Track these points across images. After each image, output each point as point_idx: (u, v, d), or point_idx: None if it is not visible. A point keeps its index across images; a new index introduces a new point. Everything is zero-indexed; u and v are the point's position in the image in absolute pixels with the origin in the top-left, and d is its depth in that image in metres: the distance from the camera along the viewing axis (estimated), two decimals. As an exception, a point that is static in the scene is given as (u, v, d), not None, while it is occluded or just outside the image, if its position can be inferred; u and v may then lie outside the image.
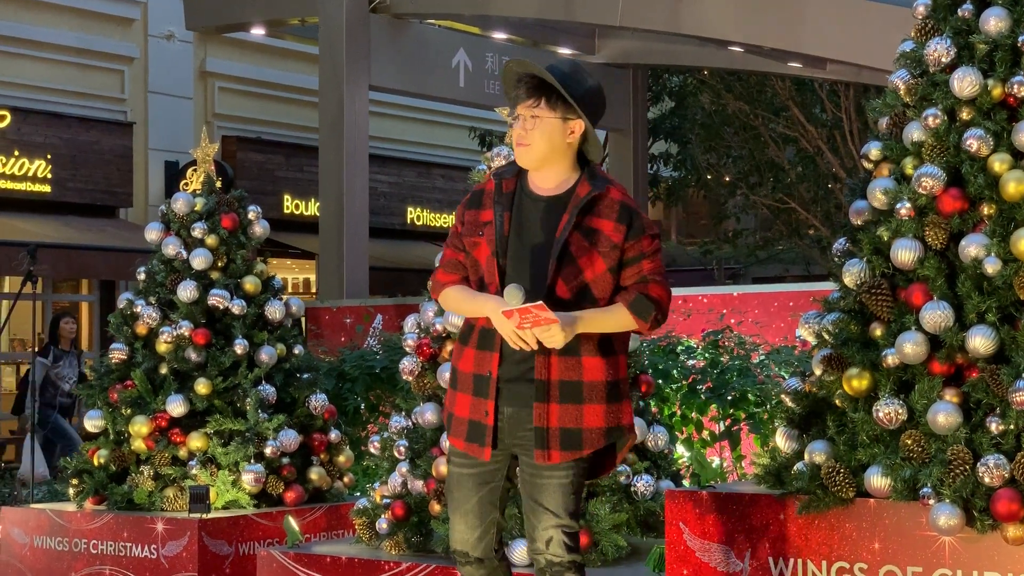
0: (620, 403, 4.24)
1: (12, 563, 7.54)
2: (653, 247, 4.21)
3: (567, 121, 4.21)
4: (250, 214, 7.78)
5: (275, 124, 18.91)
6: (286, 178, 18.79)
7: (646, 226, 4.21)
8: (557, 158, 4.23)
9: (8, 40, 15.90)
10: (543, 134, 4.21)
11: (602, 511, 5.76)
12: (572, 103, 4.17)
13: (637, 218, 4.20)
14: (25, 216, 15.55)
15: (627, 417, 4.28)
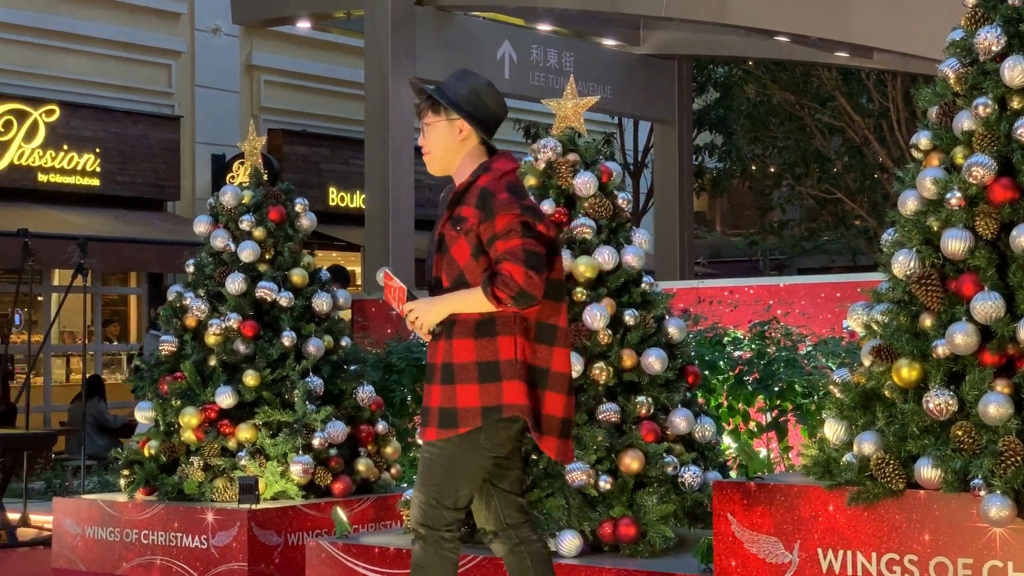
0: (498, 383, 4.36)
1: (64, 553, 7.62)
2: (507, 226, 4.32)
3: (452, 121, 4.51)
4: (297, 207, 7.82)
5: (320, 117, 18.98)
6: (331, 171, 18.85)
7: (496, 207, 4.35)
8: (455, 157, 4.54)
9: (57, 35, 16.03)
10: (435, 138, 4.55)
11: (649, 502, 5.77)
12: (447, 104, 4.47)
13: (490, 199, 4.37)
14: (74, 210, 15.68)
15: (511, 396, 4.37)
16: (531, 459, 5.89)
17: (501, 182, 4.42)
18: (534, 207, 4.45)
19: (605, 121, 21.27)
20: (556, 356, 4.45)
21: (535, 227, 4.36)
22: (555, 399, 4.44)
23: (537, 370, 4.43)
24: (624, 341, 6.05)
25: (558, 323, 4.46)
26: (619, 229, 6.31)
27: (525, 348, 4.41)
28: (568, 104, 6.39)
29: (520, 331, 4.40)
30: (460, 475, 4.45)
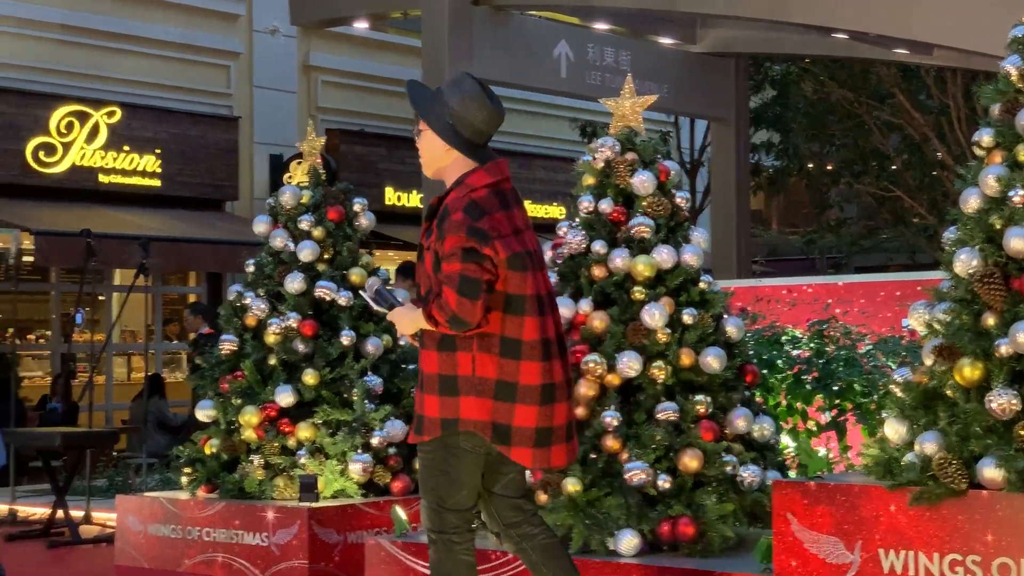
0: (455, 397, 4.48)
1: (127, 550, 7.70)
2: (451, 249, 4.42)
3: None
4: (356, 206, 7.85)
5: (377, 117, 19.05)
6: (388, 170, 18.92)
7: (447, 227, 4.46)
8: (442, 164, 4.65)
9: (118, 37, 16.19)
10: (425, 145, 4.68)
11: (708, 501, 5.76)
12: (422, 115, 4.61)
13: (447, 218, 4.48)
14: (135, 210, 15.83)
15: (467, 412, 4.48)
16: (590, 458, 5.89)
17: (463, 200, 4.51)
18: (483, 230, 4.45)
19: (661, 120, 21.24)
20: (524, 369, 4.50)
21: (480, 250, 4.42)
22: (527, 411, 4.50)
23: (503, 384, 4.50)
24: (682, 340, 6.04)
25: (522, 337, 4.51)
26: (677, 228, 6.30)
27: (485, 364, 4.49)
28: (626, 103, 6.39)
29: (479, 347, 4.48)
30: (453, 477, 4.57)
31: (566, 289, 6.25)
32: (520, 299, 4.53)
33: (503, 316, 4.49)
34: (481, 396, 4.48)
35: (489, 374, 4.49)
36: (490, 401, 4.48)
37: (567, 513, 5.80)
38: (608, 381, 5.96)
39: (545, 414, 4.54)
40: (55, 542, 8.78)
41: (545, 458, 4.58)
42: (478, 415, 4.48)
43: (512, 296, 4.51)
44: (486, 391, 4.48)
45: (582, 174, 6.40)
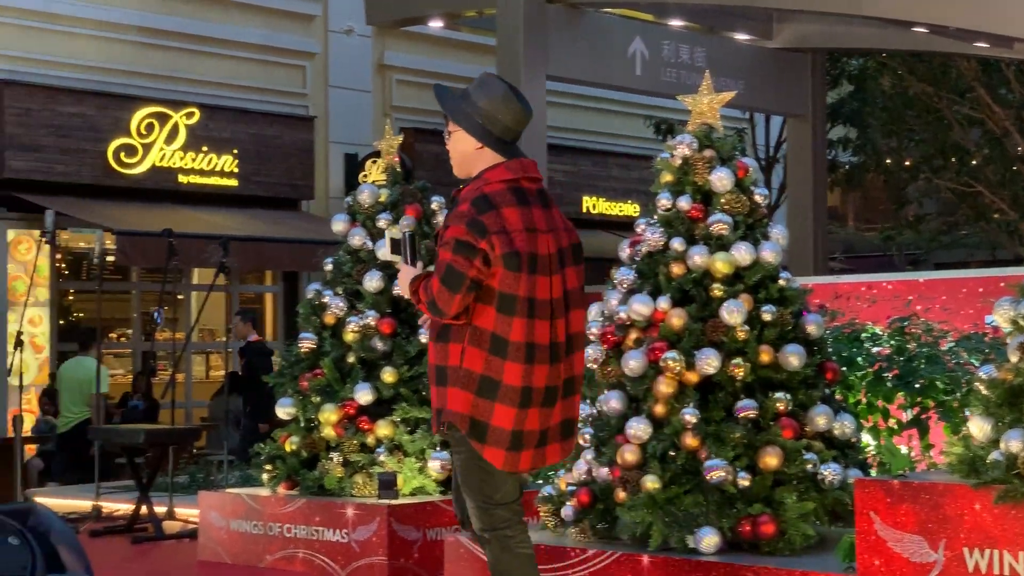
0: (444, 387, 4.56)
1: (210, 546, 7.79)
2: (447, 238, 4.53)
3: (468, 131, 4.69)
4: (433, 204, 7.89)
5: (452, 115, 19.08)
6: (463, 168, 18.96)
7: (451, 217, 4.58)
8: (473, 164, 4.69)
9: (196, 39, 16.36)
10: (455, 146, 4.74)
11: (789, 499, 5.73)
12: (452, 116, 4.69)
13: (454, 208, 4.61)
14: (213, 209, 15.99)
15: (452, 403, 4.52)
16: (669, 455, 5.88)
17: (475, 192, 4.57)
18: (482, 223, 4.48)
19: (736, 116, 21.13)
20: (508, 369, 4.50)
21: (475, 245, 4.47)
22: (505, 412, 4.50)
23: (487, 380, 4.51)
24: (761, 337, 6.02)
25: (509, 337, 4.50)
26: (756, 225, 6.28)
27: (473, 357, 4.51)
28: (704, 100, 6.37)
29: (470, 340, 4.52)
30: (489, 471, 4.55)
31: (644, 286, 6.24)
32: (511, 299, 4.52)
33: (496, 314, 4.51)
34: (465, 389, 4.52)
35: (475, 368, 4.51)
36: (471, 395, 4.51)
37: (646, 511, 5.79)
38: (686, 378, 5.95)
39: (520, 418, 4.53)
40: (139, 537, 8.89)
41: (514, 462, 4.56)
42: (458, 407, 4.52)
43: (504, 295, 4.52)
44: (470, 384, 4.51)
45: (660, 171, 6.39)
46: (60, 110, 15.05)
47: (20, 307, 14.11)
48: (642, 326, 6.14)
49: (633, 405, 6.07)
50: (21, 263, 14.85)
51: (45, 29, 15.10)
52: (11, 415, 13.68)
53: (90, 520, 9.54)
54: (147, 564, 8.14)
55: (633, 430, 5.90)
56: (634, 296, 6.15)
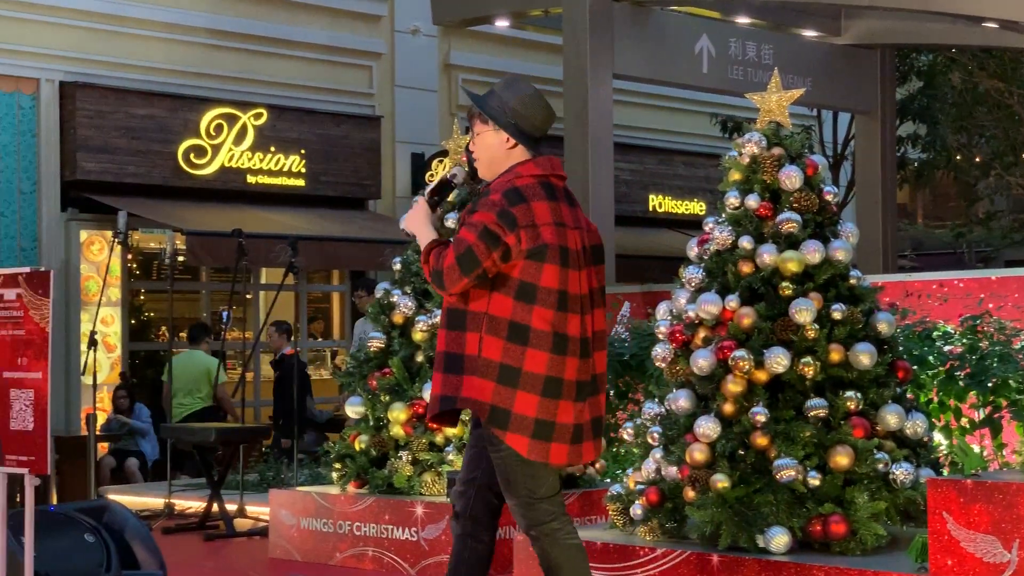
0: (458, 375, 4.53)
1: (280, 543, 7.86)
2: (475, 222, 4.54)
3: (499, 132, 4.72)
4: (501, 204, 7.90)
5: (518, 114, 19.10)
6: (529, 167, 18.98)
7: (481, 203, 4.59)
8: (501, 165, 4.73)
9: (265, 40, 16.49)
10: (483, 146, 4.77)
11: (860, 499, 5.70)
12: (489, 115, 4.70)
13: (484, 196, 4.63)
14: (281, 209, 16.11)
15: (468, 391, 4.52)
16: (738, 454, 5.87)
17: (506, 184, 4.61)
18: (513, 214, 4.53)
19: (803, 113, 21.00)
20: (529, 356, 4.52)
21: (502, 238, 4.50)
22: (527, 399, 4.52)
23: (505, 368, 4.51)
24: (832, 336, 5.99)
25: (531, 324, 4.53)
26: (826, 223, 6.25)
27: (491, 346, 4.52)
28: (772, 98, 6.35)
29: (487, 329, 4.53)
30: (531, 466, 4.59)
31: (712, 285, 6.23)
32: (532, 288, 4.56)
33: (514, 302, 4.55)
34: (484, 378, 4.53)
35: (494, 357, 4.53)
36: (493, 384, 4.52)
37: (715, 510, 5.78)
38: (756, 377, 5.93)
39: (546, 407, 4.54)
40: (211, 535, 8.98)
41: (544, 452, 4.57)
42: (478, 395, 4.52)
43: (525, 283, 4.55)
44: (490, 373, 4.53)
45: (728, 170, 6.37)
46: (131, 112, 15.21)
47: (93, 307, 14.28)
48: (711, 325, 6.13)
49: (702, 404, 6.06)
50: (93, 263, 15.04)
51: (116, 32, 15.28)
52: (84, 413, 13.87)
53: (162, 517, 9.65)
54: (219, 561, 8.22)
55: (702, 429, 5.90)
56: (703, 295, 6.14)
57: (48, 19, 14.75)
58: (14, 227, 14.57)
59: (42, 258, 14.48)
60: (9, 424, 5.03)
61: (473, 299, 4.58)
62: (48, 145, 14.74)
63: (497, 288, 4.55)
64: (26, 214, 14.68)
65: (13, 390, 5.04)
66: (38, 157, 14.71)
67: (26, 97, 14.72)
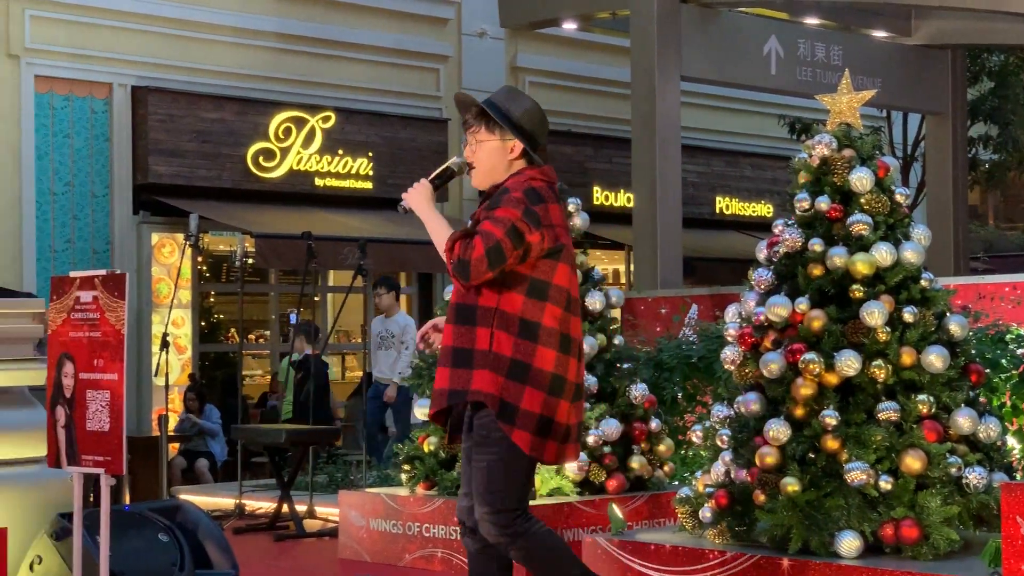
0: (468, 369, 4.57)
1: (350, 544, 7.90)
2: (502, 217, 4.55)
3: (506, 142, 4.74)
4: (570, 206, 7.91)
5: (584, 116, 19.12)
6: (595, 169, 18.99)
7: (504, 200, 4.61)
8: (502, 174, 4.76)
9: (332, 44, 16.60)
10: (486, 155, 4.77)
11: (932, 503, 5.64)
12: (506, 125, 4.72)
13: (505, 195, 4.63)
14: (349, 212, 16.21)
15: (479, 384, 4.54)
16: (808, 458, 5.84)
17: (524, 184, 4.65)
18: (537, 213, 4.59)
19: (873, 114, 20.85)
20: (539, 353, 4.58)
21: (526, 236, 4.55)
22: (534, 395, 4.57)
23: (516, 363, 4.55)
24: (903, 338, 5.94)
25: (541, 321, 4.58)
26: (897, 225, 6.19)
27: (502, 342, 4.55)
28: (843, 99, 6.31)
29: (498, 325, 4.57)
30: (524, 470, 4.69)
31: (782, 287, 6.20)
32: (545, 285, 4.62)
33: (524, 299, 4.59)
34: (495, 372, 4.56)
35: (505, 352, 4.56)
36: (502, 378, 4.55)
37: (786, 513, 5.75)
38: (826, 380, 5.89)
39: (549, 404, 4.60)
40: (281, 535, 9.05)
41: (540, 449, 4.61)
42: (489, 388, 4.55)
43: (537, 281, 4.61)
44: (500, 368, 4.55)
45: (798, 171, 6.34)
46: (201, 116, 15.38)
47: (164, 309, 14.46)
48: (780, 327, 6.09)
49: (771, 407, 6.03)
50: (164, 266, 15.21)
51: (186, 37, 15.45)
52: (156, 414, 14.02)
53: (233, 517, 9.73)
54: (290, 561, 8.28)
55: (772, 432, 5.87)
56: (772, 297, 6.11)
57: (120, 25, 14.94)
58: (87, 230, 14.77)
59: (115, 261, 14.66)
60: (85, 425, 5.10)
61: (484, 295, 4.61)
62: (120, 149, 14.93)
63: (508, 284, 4.60)
64: (99, 217, 14.87)
65: (89, 391, 5.11)
66: (111, 161, 14.91)
67: (99, 102, 14.91)
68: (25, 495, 6.38)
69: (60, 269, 14.22)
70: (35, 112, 14.40)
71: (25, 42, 14.35)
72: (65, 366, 5.21)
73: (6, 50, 14.25)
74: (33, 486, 6.43)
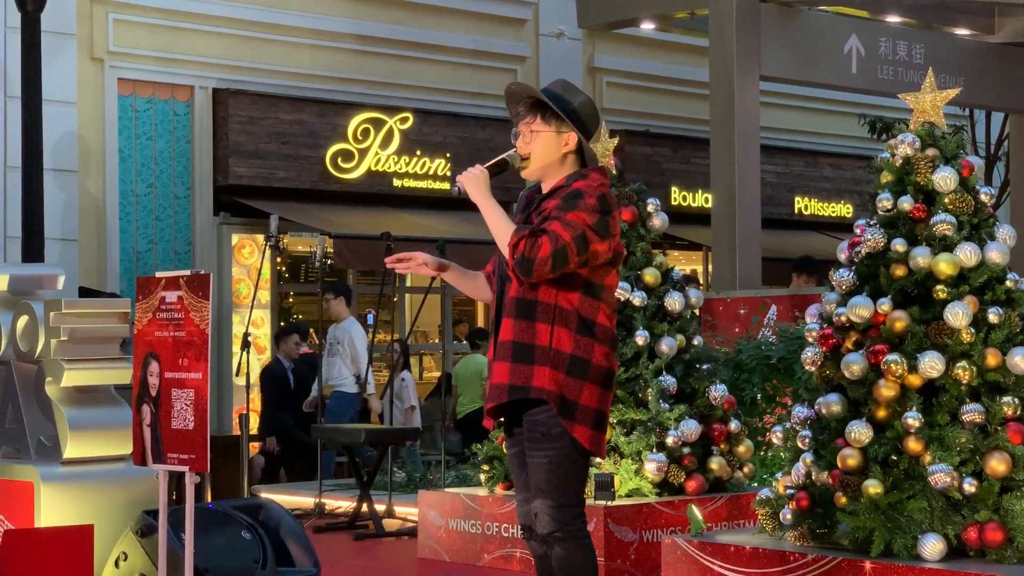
0: (528, 365, 4.57)
1: (429, 544, 7.94)
2: (572, 221, 4.55)
3: (561, 134, 4.74)
4: (649, 207, 7.91)
5: (662, 117, 19.06)
6: (673, 170, 18.92)
7: (579, 205, 4.59)
8: (555, 167, 4.77)
9: (411, 45, 16.68)
10: (541, 146, 4.77)
11: (1018, 506, 5.58)
12: (564, 117, 4.71)
13: (579, 199, 4.61)
14: (427, 213, 16.27)
15: (540, 380, 4.56)
16: (891, 460, 5.79)
17: (596, 190, 4.66)
18: (608, 224, 4.62)
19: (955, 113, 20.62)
20: (596, 350, 4.63)
21: (591, 245, 4.56)
22: (592, 391, 4.62)
23: (576, 360, 4.59)
24: (988, 340, 5.87)
25: (596, 319, 4.64)
26: (982, 225, 6.13)
27: (561, 338, 4.59)
28: (926, 98, 6.25)
29: (557, 321, 4.60)
30: (581, 465, 4.73)
31: (864, 288, 6.15)
32: (599, 287, 4.68)
33: (581, 296, 4.64)
34: (555, 368, 4.58)
35: (565, 348, 4.59)
36: (562, 375, 4.58)
37: (868, 516, 5.71)
38: (909, 381, 5.84)
39: (603, 398, 4.67)
40: (360, 534, 9.11)
41: (598, 443, 4.66)
42: (550, 385, 4.57)
43: (592, 283, 4.66)
44: (560, 364, 4.58)
45: (880, 171, 6.28)
46: (281, 117, 15.50)
47: (244, 309, 14.60)
48: (862, 328, 6.05)
49: (853, 408, 5.98)
50: (244, 266, 15.36)
51: (266, 39, 15.58)
52: (236, 414, 14.16)
53: (313, 516, 9.81)
54: (370, 560, 8.34)
55: (854, 433, 5.82)
56: (854, 298, 6.06)
57: (201, 27, 15.10)
58: (169, 231, 14.95)
59: (196, 262, 14.82)
60: (171, 423, 5.17)
61: (542, 290, 4.63)
62: (201, 151, 15.10)
63: (566, 281, 4.63)
64: (180, 218, 15.05)
65: (174, 390, 5.17)
66: (192, 163, 15.08)
67: (181, 104, 15.09)
68: (111, 492, 6.48)
69: (142, 270, 14.41)
70: (118, 115, 14.60)
71: (109, 46, 14.54)
72: (150, 365, 5.29)
73: (90, 53, 14.45)
74: (119, 484, 6.54)
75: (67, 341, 6.56)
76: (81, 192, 14.22)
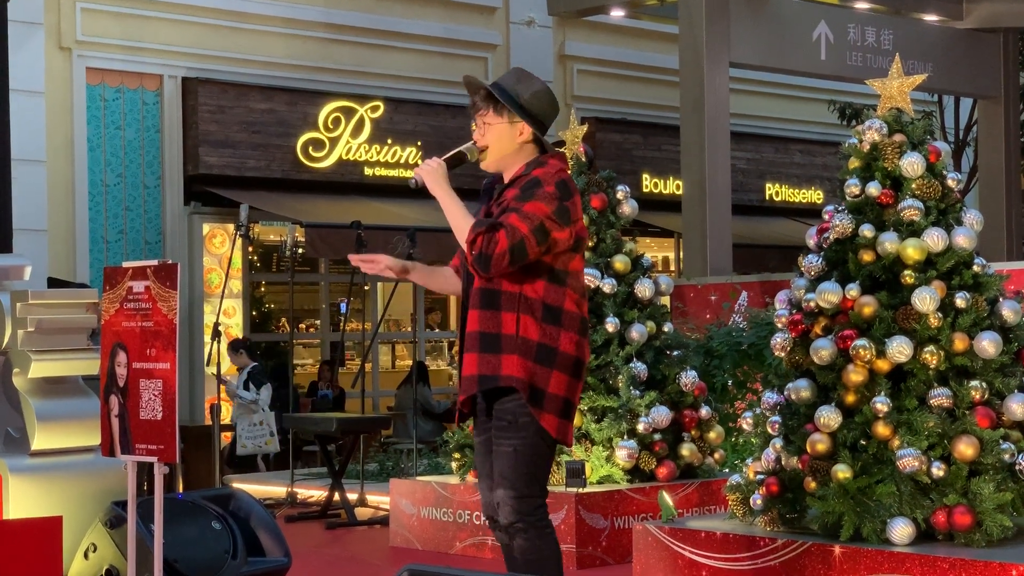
0: (496, 354, 4.56)
1: (401, 532, 7.94)
2: (530, 212, 4.53)
3: (514, 124, 4.70)
4: (619, 194, 7.91)
5: (632, 104, 19.07)
6: (644, 157, 18.93)
7: (537, 194, 4.57)
8: (511, 156, 4.71)
9: (381, 33, 16.64)
10: (495, 137, 4.72)
11: (985, 490, 5.61)
12: (515, 109, 4.68)
13: (537, 187, 4.59)
14: (398, 201, 16.22)
15: (509, 369, 4.54)
16: (860, 444, 5.81)
17: (555, 177, 4.64)
18: (568, 209, 4.61)
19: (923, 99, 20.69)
20: (563, 338, 4.62)
21: (552, 233, 4.55)
22: (560, 379, 4.61)
23: (543, 348, 4.58)
24: (955, 324, 5.90)
25: (563, 306, 4.63)
26: (949, 210, 6.15)
27: (528, 326, 4.58)
28: (894, 84, 6.26)
29: (523, 309, 4.59)
30: (547, 456, 4.69)
31: (832, 274, 6.17)
32: (563, 273, 4.66)
33: (546, 284, 4.62)
34: (524, 357, 4.57)
35: (532, 336, 4.58)
36: (530, 363, 4.57)
37: (837, 500, 5.74)
38: (877, 366, 5.87)
39: (571, 387, 4.65)
40: (332, 523, 9.10)
41: (564, 432, 4.66)
42: (519, 373, 4.56)
43: (556, 270, 4.64)
44: (528, 352, 4.57)
45: (848, 157, 6.30)
46: (251, 106, 15.45)
47: (215, 299, 14.55)
48: (830, 313, 6.07)
49: (822, 393, 6.01)
50: (215, 256, 15.31)
51: (235, 28, 15.52)
52: (208, 403, 14.12)
53: (285, 506, 9.80)
54: (341, 549, 8.33)
55: (823, 419, 5.85)
56: (823, 283, 6.08)
57: (170, 16, 15.03)
58: (139, 221, 14.88)
59: (166, 251, 14.76)
60: (139, 413, 5.15)
61: (507, 279, 4.61)
62: (171, 140, 15.03)
63: (530, 270, 4.61)
64: (150, 208, 14.99)
65: (142, 380, 5.15)
66: (162, 152, 15.01)
67: (150, 93, 15.02)
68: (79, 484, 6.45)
69: (112, 260, 14.35)
70: (87, 104, 14.52)
71: (76, 35, 14.46)
72: (118, 356, 5.26)
73: (58, 43, 14.37)
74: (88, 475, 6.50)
75: (34, 332, 6.52)
76: (50, 182, 14.15)
